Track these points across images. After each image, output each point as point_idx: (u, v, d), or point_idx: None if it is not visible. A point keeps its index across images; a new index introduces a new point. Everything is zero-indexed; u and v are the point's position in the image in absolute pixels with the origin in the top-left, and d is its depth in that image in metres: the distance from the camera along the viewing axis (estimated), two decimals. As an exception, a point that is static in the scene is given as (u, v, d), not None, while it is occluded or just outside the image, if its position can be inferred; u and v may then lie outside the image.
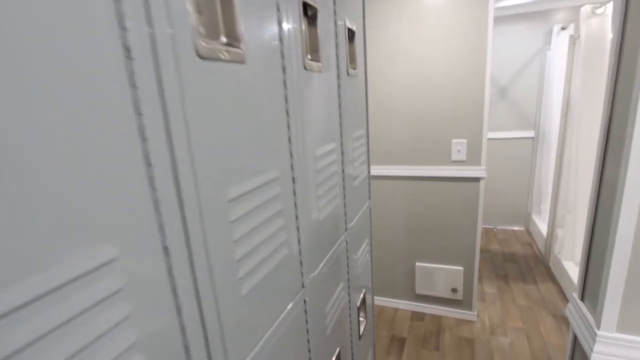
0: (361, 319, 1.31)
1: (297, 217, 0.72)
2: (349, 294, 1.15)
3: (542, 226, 3.13)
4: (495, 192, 3.49)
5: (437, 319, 2.26)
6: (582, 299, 1.04)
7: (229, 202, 0.51)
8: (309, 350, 0.81)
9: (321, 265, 0.88)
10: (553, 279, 2.61)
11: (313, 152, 0.80)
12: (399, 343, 2.08)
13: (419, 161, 2.08)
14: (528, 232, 3.46)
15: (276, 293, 0.65)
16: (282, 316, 0.68)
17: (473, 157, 1.96)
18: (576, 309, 1.05)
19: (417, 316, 2.31)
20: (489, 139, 3.08)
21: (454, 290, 2.21)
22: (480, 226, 2.06)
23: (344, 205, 1.07)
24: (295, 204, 0.72)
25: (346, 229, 1.10)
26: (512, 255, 3.01)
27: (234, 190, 0.52)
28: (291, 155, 0.69)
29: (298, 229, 0.73)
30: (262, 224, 0.59)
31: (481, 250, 3.06)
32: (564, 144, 2.57)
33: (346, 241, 1.10)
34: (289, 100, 0.67)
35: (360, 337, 1.29)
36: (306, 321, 0.79)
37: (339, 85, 0.97)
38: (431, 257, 2.23)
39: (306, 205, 0.77)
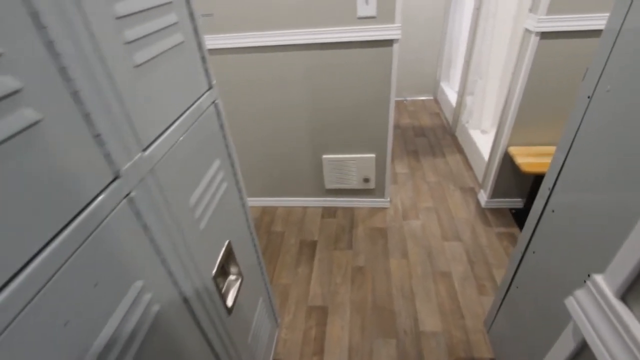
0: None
1: None
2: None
3: (451, 94, 2.95)
4: (404, 58, 3.12)
5: (350, 212, 2.06)
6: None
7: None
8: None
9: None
10: (460, 150, 2.55)
11: None
12: (309, 248, 1.86)
13: (315, 21, 1.49)
14: (436, 101, 3.31)
15: None
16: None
17: (385, 11, 1.44)
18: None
19: (329, 212, 2.08)
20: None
21: (366, 180, 1.96)
22: (393, 104, 1.69)
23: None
24: None
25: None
26: (422, 129, 2.86)
27: None
28: None
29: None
30: None
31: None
32: (484, -8, 2.16)
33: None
34: None
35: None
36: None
37: None
38: (339, 146, 1.87)
39: None
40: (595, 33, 1.41)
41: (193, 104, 0.72)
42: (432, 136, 2.75)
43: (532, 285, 0.98)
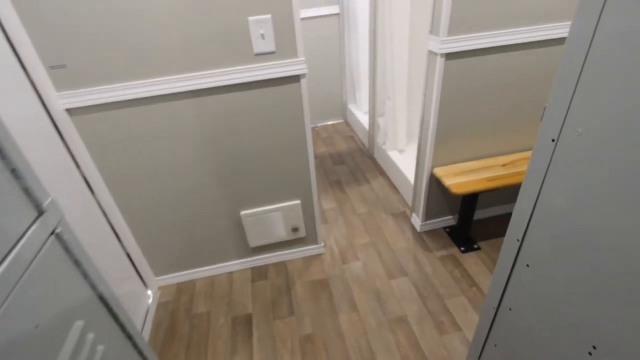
0: None
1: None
2: None
3: (360, 115, 2.93)
4: (307, 85, 3.02)
5: (283, 268, 1.80)
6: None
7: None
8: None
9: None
10: (382, 172, 2.49)
11: None
12: (244, 325, 1.54)
13: (203, 64, 1.23)
14: (347, 123, 3.27)
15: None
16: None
17: (285, 45, 1.26)
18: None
19: (259, 273, 1.78)
20: (293, 20, 2.40)
21: (295, 229, 1.73)
22: (310, 143, 1.50)
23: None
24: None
25: None
26: (340, 155, 2.76)
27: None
28: None
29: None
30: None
31: (309, 158, 2.68)
32: (376, 17, 2.15)
33: None
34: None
35: None
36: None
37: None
38: (258, 199, 1.61)
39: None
40: (499, 49, 1.43)
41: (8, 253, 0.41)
42: (352, 162, 2.66)
43: (513, 345, 0.85)
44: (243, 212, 1.62)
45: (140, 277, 1.62)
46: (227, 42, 1.20)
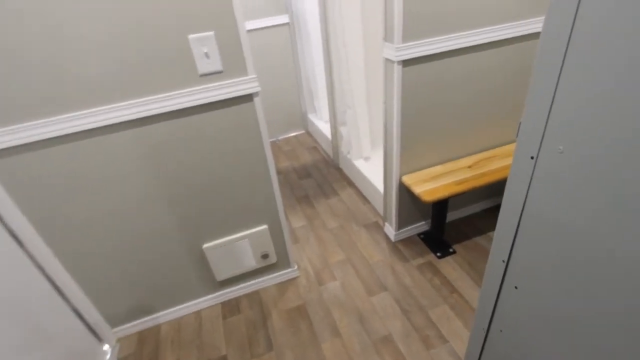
0: None
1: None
2: None
3: (321, 124, 2.86)
4: (264, 99, 2.91)
5: (256, 299, 1.67)
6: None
7: None
8: None
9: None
10: (349, 182, 2.43)
11: None
12: (218, 371, 1.40)
13: (141, 89, 1.09)
14: (309, 133, 3.19)
15: None
16: None
17: (233, 63, 1.15)
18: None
19: (231, 308, 1.64)
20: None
21: (265, 256, 1.61)
22: (272, 163, 1.40)
23: None
24: None
25: None
26: (305, 169, 2.67)
27: None
28: None
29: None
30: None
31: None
32: (327, 25, 2.10)
33: None
34: None
35: None
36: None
37: None
38: (221, 229, 1.48)
39: None
40: (455, 52, 1.41)
41: None
42: (317, 174, 2.58)
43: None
44: (206, 246, 1.48)
45: (94, 332, 1.43)
46: (167, 64, 1.08)
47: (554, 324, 0.61)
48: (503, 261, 0.69)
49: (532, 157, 0.55)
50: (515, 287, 0.68)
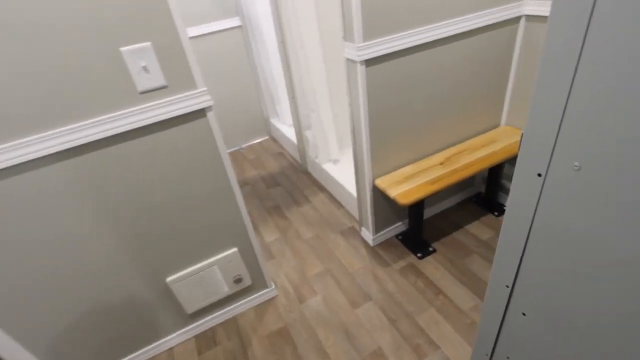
0: None
1: None
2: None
3: (285, 129, 2.75)
4: (221, 108, 2.75)
5: (234, 326, 1.54)
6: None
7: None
8: None
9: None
10: (320, 187, 2.34)
11: None
12: (198, 416, 1.26)
13: (69, 115, 0.94)
14: (273, 139, 3.07)
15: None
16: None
17: (179, 76, 1.01)
18: None
19: (207, 340, 1.50)
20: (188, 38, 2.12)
21: (238, 280, 1.48)
22: (234, 180, 1.28)
23: None
24: None
25: None
26: (272, 177, 2.55)
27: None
28: None
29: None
30: None
31: (240, 185, 2.42)
32: (282, 26, 1.98)
33: None
34: None
35: None
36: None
37: None
38: (185, 259, 1.33)
39: None
40: (420, 47, 1.35)
41: None
42: (286, 181, 2.47)
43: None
44: (170, 279, 1.33)
45: (48, 394, 1.24)
46: (98, 83, 0.93)
47: (572, 349, 0.55)
48: (507, 286, 0.62)
49: (539, 175, 0.47)
50: (524, 314, 0.62)
